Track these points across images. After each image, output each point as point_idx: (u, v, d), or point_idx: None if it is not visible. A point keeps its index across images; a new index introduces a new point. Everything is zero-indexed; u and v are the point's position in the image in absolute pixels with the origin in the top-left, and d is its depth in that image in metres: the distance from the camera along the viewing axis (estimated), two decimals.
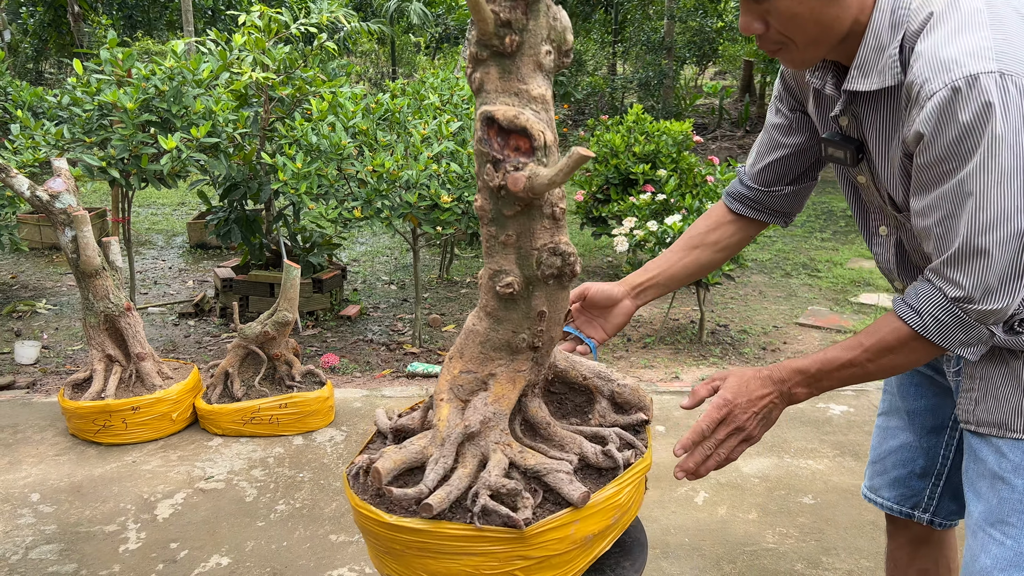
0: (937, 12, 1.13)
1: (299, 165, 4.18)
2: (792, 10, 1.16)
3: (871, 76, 1.20)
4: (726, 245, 1.64)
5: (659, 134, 5.94)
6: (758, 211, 1.62)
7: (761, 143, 1.59)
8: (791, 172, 1.56)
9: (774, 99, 1.55)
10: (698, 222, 1.67)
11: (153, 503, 2.74)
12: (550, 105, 1.19)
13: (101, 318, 3.16)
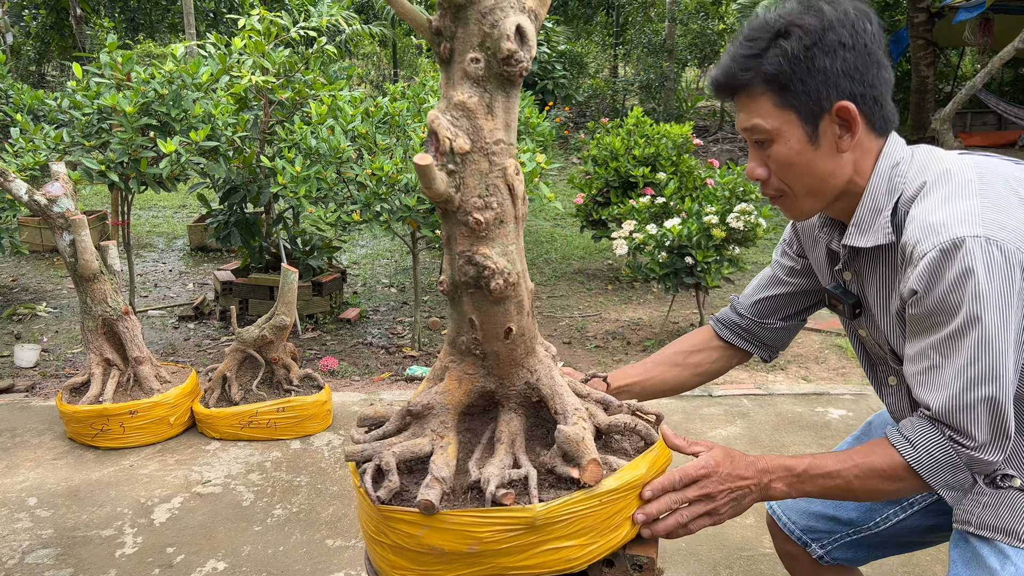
0: (930, 181, 1.23)
1: (298, 169, 4.18)
2: (789, 159, 1.26)
3: (867, 234, 1.29)
4: (706, 371, 1.69)
5: (659, 137, 5.94)
6: (745, 340, 1.67)
7: (764, 276, 1.65)
8: (786, 309, 1.63)
9: (783, 241, 1.62)
10: (684, 339, 1.72)
11: (150, 507, 2.74)
12: (475, 113, 1.20)
13: (99, 322, 3.16)
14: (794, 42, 1.21)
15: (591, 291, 6.06)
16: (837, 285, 1.42)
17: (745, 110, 1.28)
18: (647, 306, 5.71)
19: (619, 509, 1.29)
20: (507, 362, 1.35)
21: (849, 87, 1.22)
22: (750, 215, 4.46)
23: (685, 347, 1.69)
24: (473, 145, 1.21)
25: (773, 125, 1.25)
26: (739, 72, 1.25)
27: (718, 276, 4.49)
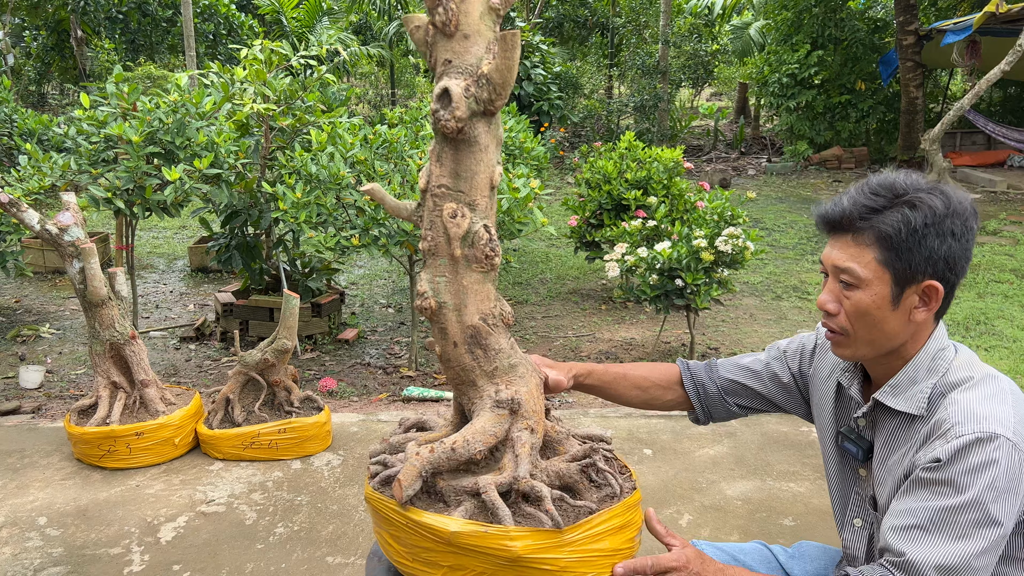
0: (977, 378, 1.36)
1: (299, 195, 4.30)
2: (868, 310, 1.36)
3: (899, 398, 1.40)
4: (658, 405, 1.85)
5: (650, 161, 6.08)
6: (699, 400, 1.81)
7: (749, 362, 1.77)
8: (747, 401, 1.78)
9: (785, 352, 1.73)
10: (656, 369, 1.85)
11: (156, 526, 2.84)
12: (431, 158, 1.43)
13: (106, 346, 3.27)
14: (917, 215, 1.31)
15: (585, 311, 6.18)
16: (851, 429, 1.52)
17: (843, 250, 1.38)
18: (639, 326, 5.83)
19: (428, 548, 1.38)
20: (449, 380, 1.51)
21: (943, 271, 1.34)
22: (738, 239, 4.58)
23: (653, 378, 1.82)
24: (426, 184, 1.41)
25: (867, 275, 1.35)
26: (857, 218, 1.35)
27: (707, 298, 4.61)
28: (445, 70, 1.33)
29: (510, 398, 1.44)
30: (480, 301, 1.44)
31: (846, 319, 1.40)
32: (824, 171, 13.15)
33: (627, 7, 16.56)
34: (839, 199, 1.40)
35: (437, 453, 1.38)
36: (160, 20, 17.51)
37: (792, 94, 13.47)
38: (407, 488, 1.35)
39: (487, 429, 1.42)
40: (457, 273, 1.42)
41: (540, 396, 1.52)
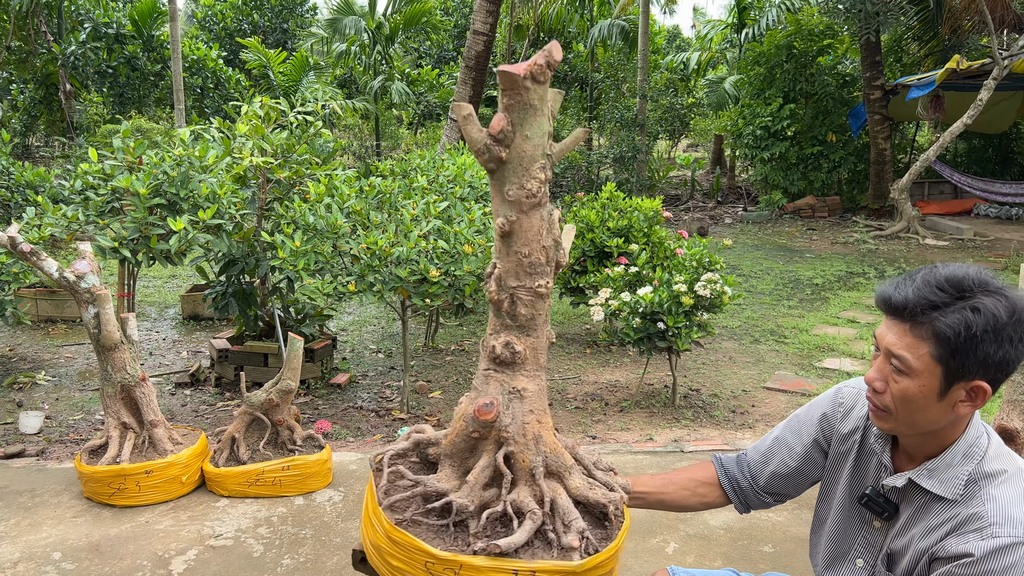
0: (1011, 472, 1.43)
1: (298, 243, 4.50)
2: (914, 398, 1.42)
3: (935, 480, 1.47)
4: (705, 503, 1.95)
5: (631, 210, 6.35)
6: (736, 494, 1.92)
7: (782, 464, 1.83)
8: (784, 489, 1.85)
9: (806, 424, 1.79)
10: (696, 470, 1.97)
11: (167, 559, 2.96)
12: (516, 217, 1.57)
13: (118, 388, 3.42)
14: (978, 321, 1.34)
15: (570, 354, 6.37)
16: (876, 492, 1.58)
17: (900, 338, 1.41)
18: (623, 368, 6.03)
19: None
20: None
21: (994, 374, 1.38)
22: (716, 283, 4.83)
23: (697, 477, 1.95)
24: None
25: (918, 367, 1.39)
26: (918, 312, 1.37)
27: (688, 340, 4.83)
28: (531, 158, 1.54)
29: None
30: None
31: (891, 400, 1.44)
32: (799, 219, 13.55)
33: (605, 63, 17.13)
34: (904, 286, 1.41)
35: None
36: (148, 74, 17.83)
37: (766, 145, 13.94)
38: None
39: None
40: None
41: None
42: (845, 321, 7.40)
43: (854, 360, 6.24)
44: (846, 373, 5.86)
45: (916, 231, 11.71)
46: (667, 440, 4.49)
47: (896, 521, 1.57)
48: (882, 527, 1.60)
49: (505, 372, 1.66)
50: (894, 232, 11.80)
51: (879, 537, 1.61)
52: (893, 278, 1.50)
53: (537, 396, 1.69)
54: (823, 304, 8.09)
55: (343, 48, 17.41)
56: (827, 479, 1.77)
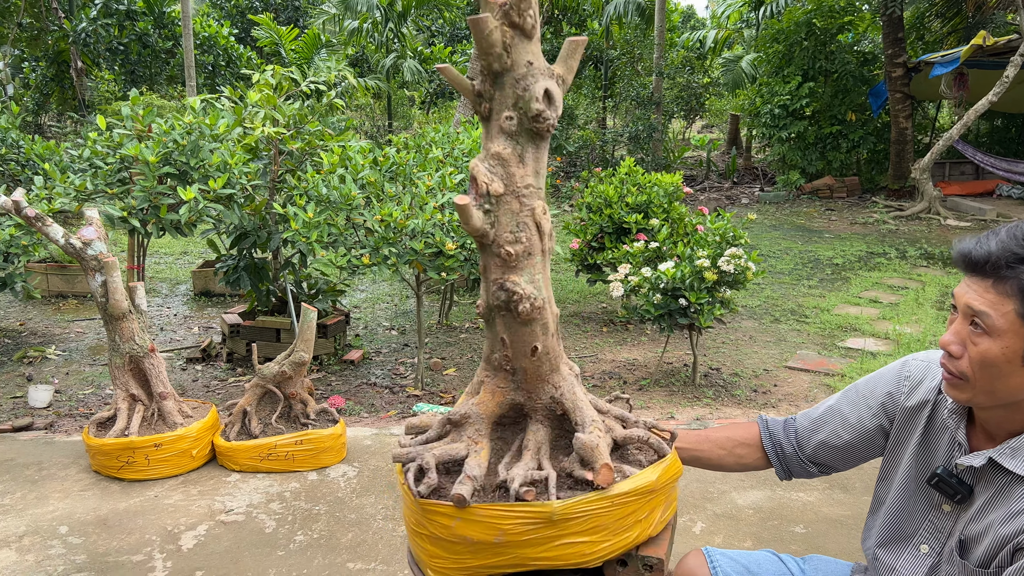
0: None
1: (311, 215, 4.38)
2: (995, 361, 1.29)
3: (1019, 459, 1.35)
4: (743, 464, 1.83)
5: (650, 185, 6.20)
6: (778, 459, 1.80)
7: (832, 417, 1.69)
8: (833, 461, 1.72)
9: (880, 400, 1.63)
10: (738, 429, 1.84)
11: (177, 534, 2.87)
12: (509, 162, 1.42)
13: (126, 359, 3.32)
14: None
15: (587, 333, 6.25)
16: (949, 472, 1.45)
17: (981, 293, 1.30)
18: (641, 347, 5.90)
19: (630, 511, 1.47)
20: (534, 377, 1.54)
21: None
22: (740, 259, 4.68)
23: (737, 437, 1.82)
24: (506, 189, 1.43)
25: (1002, 326, 1.27)
26: (1003, 265, 1.27)
27: (710, 317, 4.69)
28: (529, 71, 1.38)
29: (579, 369, 1.61)
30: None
31: (968, 365, 1.33)
32: (816, 200, 13.34)
33: (621, 40, 16.87)
34: (986, 240, 1.31)
35: (607, 434, 1.53)
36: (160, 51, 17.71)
37: (784, 125, 13.71)
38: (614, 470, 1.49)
39: (587, 400, 1.57)
40: (545, 267, 1.50)
41: None
42: (867, 301, 7.25)
43: (878, 340, 6.10)
44: (870, 353, 5.71)
45: (937, 212, 11.49)
46: (689, 418, 4.37)
47: (970, 505, 1.43)
48: (952, 511, 1.47)
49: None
50: (915, 213, 11.59)
51: (948, 522, 1.48)
52: (971, 236, 1.36)
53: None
54: (844, 284, 7.93)
55: (355, 26, 17.23)
56: (889, 458, 1.64)
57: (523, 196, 1.43)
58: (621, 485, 1.46)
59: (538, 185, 1.45)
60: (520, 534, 1.41)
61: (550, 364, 1.54)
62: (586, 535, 1.43)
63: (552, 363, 1.54)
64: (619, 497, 1.45)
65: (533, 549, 1.43)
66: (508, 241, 1.45)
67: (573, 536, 1.43)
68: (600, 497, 1.43)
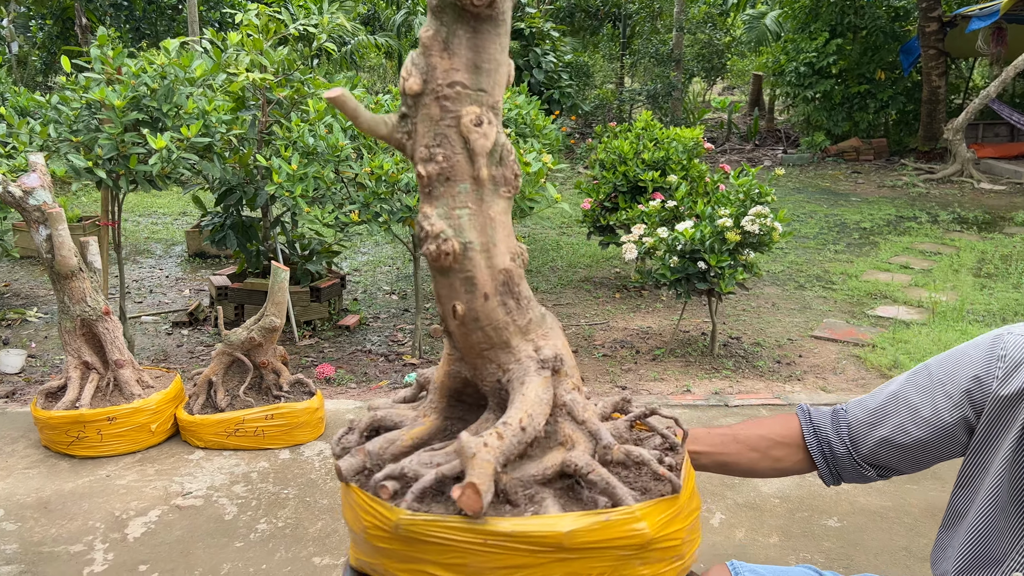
0: None
1: (294, 167, 4.00)
2: None
3: None
4: (781, 468, 1.45)
5: (669, 141, 5.76)
6: (825, 461, 1.41)
7: (898, 430, 1.33)
8: (897, 462, 1.35)
9: (944, 384, 1.28)
10: (773, 424, 1.46)
11: (125, 521, 2.54)
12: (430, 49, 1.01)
13: (77, 322, 2.98)
14: None
15: (598, 299, 5.86)
16: None
17: None
18: (656, 314, 5.51)
19: (516, 565, 1.01)
20: (467, 349, 1.16)
21: None
22: (765, 218, 4.26)
23: (772, 435, 1.44)
24: (425, 87, 1.02)
25: None
26: None
27: (732, 281, 4.29)
28: None
29: (554, 355, 1.13)
30: (508, 237, 1.12)
31: None
32: (842, 162, 12.79)
33: None
34: None
35: (508, 440, 1.03)
36: (165, 8, 17.29)
37: (809, 84, 13.12)
38: (486, 494, 0.99)
39: (542, 398, 1.10)
40: (483, 202, 1.09)
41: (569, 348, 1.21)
42: (898, 267, 6.81)
43: (911, 308, 5.68)
44: (903, 322, 5.30)
45: (970, 174, 10.95)
46: (707, 392, 3.99)
47: None
48: None
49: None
50: (946, 175, 11.05)
51: None
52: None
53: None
54: (872, 249, 7.48)
55: None
56: (973, 460, 1.25)
57: (446, 97, 1.02)
58: (504, 522, 1.01)
59: (475, 85, 1.03)
60: (374, 537, 1.04)
61: (487, 337, 1.14)
62: (444, 571, 1.03)
63: (492, 336, 1.14)
64: (494, 536, 1.00)
65: (389, 561, 1.05)
66: (422, 158, 1.05)
67: (428, 565, 1.04)
68: (465, 526, 1.00)
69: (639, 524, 0.99)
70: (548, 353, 1.13)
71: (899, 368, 4.46)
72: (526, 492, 1.05)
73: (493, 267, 1.10)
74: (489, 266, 1.10)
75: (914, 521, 2.63)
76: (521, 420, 1.05)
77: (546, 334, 1.16)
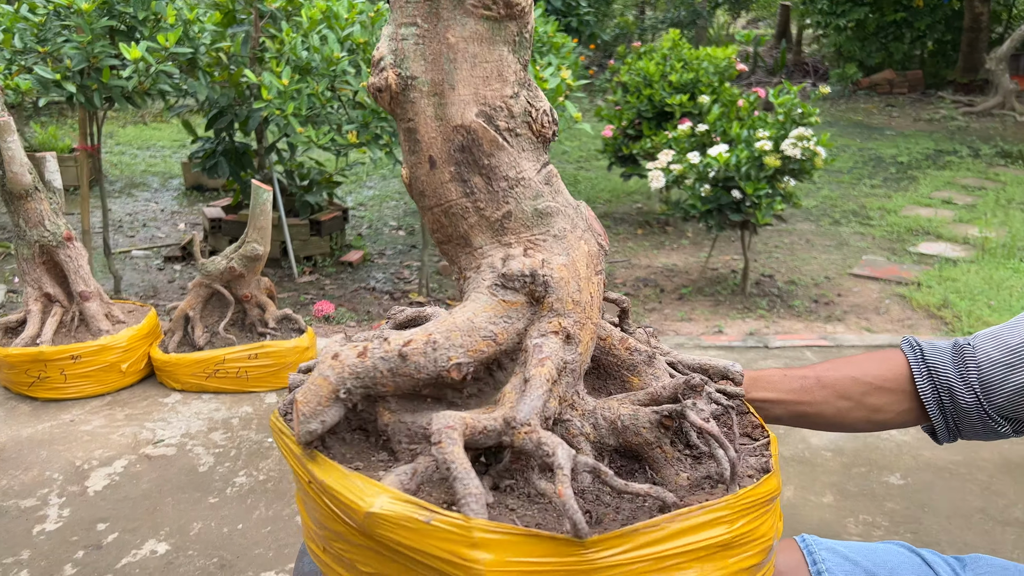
0: None
1: (285, 82, 3.60)
2: None
3: None
4: (881, 420, 1.09)
5: (698, 62, 5.29)
6: (942, 413, 1.06)
7: None
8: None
9: None
10: (872, 361, 1.11)
11: (86, 472, 2.24)
12: None
13: (36, 249, 2.64)
14: None
15: (619, 235, 5.48)
16: None
17: None
18: (681, 251, 5.13)
19: None
20: (436, 240, 0.82)
21: None
22: (809, 140, 3.84)
23: (869, 377, 1.09)
24: None
25: None
26: None
27: (769, 212, 3.89)
28: None
29: (528, 273, 0.76)
30: (483, 79, 0.74)
31: None
32: (875, 95, 12.17)
33: None
34: None
35: (372, 360, 0.70)
36: None
37: (842, 11, 12.42)
38: (309, 418, 0.70)
39: (480, 326, 0.74)
40: (439, 19, 0.72)
41: (593, 277, 0.82)
42: (940, 202, 6.36)
43: (956, 245, 5.27)
44: (949, 260, 4.89)
45: (1012, 107, 10.36)
46: (741, 333, 3.63)
47: None
48: None
49: None
50: (987, 108, 10.46)
51: None
52: None
53: None
54: (911, 184, 7.01)
55: None
56: None
57: None
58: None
59: None
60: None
61: (438, 223, 0.78)
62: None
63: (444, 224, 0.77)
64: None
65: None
66: None
67: None
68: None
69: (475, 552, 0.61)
70: (516, 267, 0.75)
71: (950, 308, 4.08)
72: (410, 444, 0.73)
73: (446, 121, 0.73)
74: (439, 118, 0.73)
75: (988, 479, 2.28)
76: (410, 343, 0.70)
77: (538, 241, 0.78)
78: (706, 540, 0.66)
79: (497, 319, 0.74)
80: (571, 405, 0.76)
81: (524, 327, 0.76)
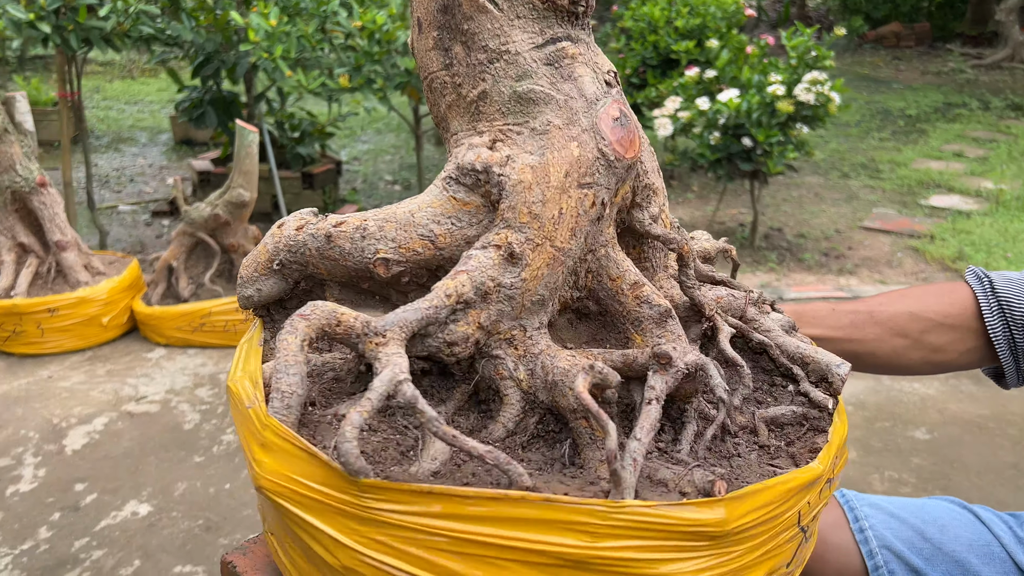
0: None
1: (273, 23, 3.41)
2: None
3: None
4: (942, 360, 0.96)
5: (705, 6, 5.07)
6: (1014, 354, 0.93)
7: None
8: None
9: None
10: (927, 297, 0.97)
11: (64, 430, 2.11)
12: None
13: (7, 196, 2.48)
14: None
15: None
16: None
17: None
18: (687, 205, 4.98)
19: None
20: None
21: None
22: (823, 85, 3.67)
23: (931, 312, 0.96)
24: None
25: None
26: None
27: (781, 161, 3.73)
28: None
29: (481, 167, 0.60)
30: None
31: None
32: (881, 49, 11.90)
33: None
34: None
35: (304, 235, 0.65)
36: None
37: None
38: (246, 283, 0.68)
39: (420, 222, 0.62)
40: None
41: (572, 191, 0.64)
42: (950, 155, 6.20)
43: (968, 197, 5.11)
44: (962, 212, 4.75)
45: (1022, 60, 10.11)
46: (753, 285, 3.49)
47: None
48: None
49: None
50: (996, 61, 10.23)
51: None
52: None
53: None
54: (921, 137, 6.83)
55: None
56: None
57: None
58: None
59: None
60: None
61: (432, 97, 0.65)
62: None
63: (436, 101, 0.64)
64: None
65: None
66: None
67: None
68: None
69: None
70: (468, 158, 0.61)
71: (965, 260, 3.94)
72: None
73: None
74: None
75: (1020, 433, 2.16)
76: (340, 225, 0.63)
77: (512, 133, 0.61)
78: (547, 545, 0.49)
79: (442, 218, 0.60)
80: (507, 340, 0.61)
81: (477, 235, 0.61)
